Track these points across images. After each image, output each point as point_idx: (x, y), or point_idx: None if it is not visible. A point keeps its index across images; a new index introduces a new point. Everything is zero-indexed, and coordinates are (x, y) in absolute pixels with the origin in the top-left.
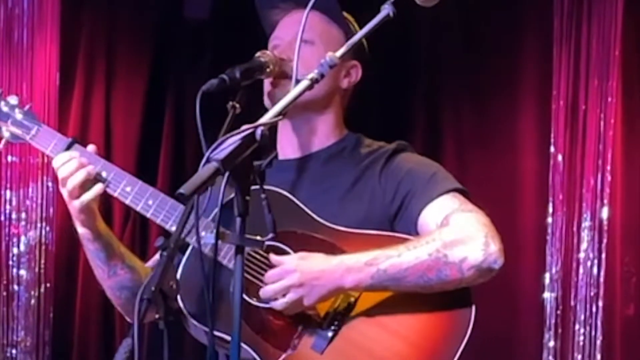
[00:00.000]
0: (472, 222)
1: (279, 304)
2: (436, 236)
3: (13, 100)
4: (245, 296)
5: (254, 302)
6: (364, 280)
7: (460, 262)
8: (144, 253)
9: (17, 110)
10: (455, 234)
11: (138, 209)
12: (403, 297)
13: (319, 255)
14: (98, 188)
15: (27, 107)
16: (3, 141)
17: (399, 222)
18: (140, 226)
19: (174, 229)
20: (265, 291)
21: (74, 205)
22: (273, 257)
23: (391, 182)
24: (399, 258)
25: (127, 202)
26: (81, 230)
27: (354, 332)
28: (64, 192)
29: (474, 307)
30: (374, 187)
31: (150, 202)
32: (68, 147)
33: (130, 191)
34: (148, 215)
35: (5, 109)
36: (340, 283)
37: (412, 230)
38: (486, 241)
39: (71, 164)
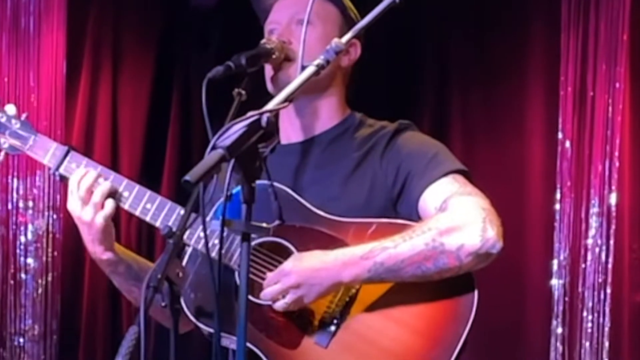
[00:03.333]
0: (470, 206)
1: (279, 305)
2: (432, 224)
3: (11, 110)
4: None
5: (255, 299)
6: (361, 274)
7: (457, 249)
8: (151, 248)
9: (13, 120)
10: (451, 220)
11: (137, 213)
12: (405, 286)
13: (315, 252)
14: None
15: (23, 116)
16: (2, 153)
17: (401, 205)
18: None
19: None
20: (265, 294)
21: (99, 222)
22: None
23: (392, 165)
24: (395, 249)
25: (126, 207)
26: (106, 256)
27: (356, 323)
28: (88, 211)
29: (476, 292)
30: (375, 171)
31: (148, 206)
32: (65, 155)
33: (128, 196)
34: (147, 219)
35: (2, 120)
36: (338, 279)
37: (414, 212)
38: (484, 226)
39: (91, 175)
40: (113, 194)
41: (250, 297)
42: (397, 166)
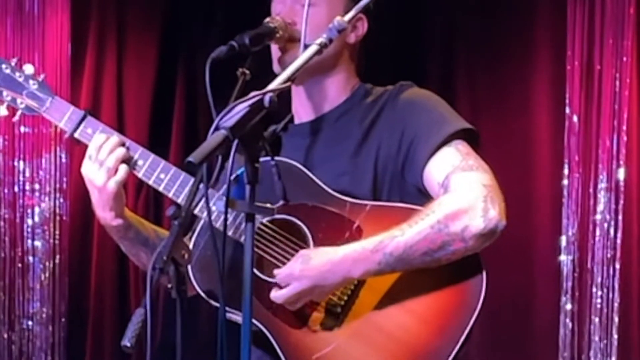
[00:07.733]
0: (472, 184)
1: (292, 307)
2: (436, 207)
3: (29, 69)
4: (256, 272)
5: (264, 277)
6: (372, 268)
7: (462, 231)
8: (158, 224)
9: (31, 81)
10: (454, 202)
11: (150, 182)
12: (412, 271)
13: (322, 251)
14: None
15: (41, 77)
16: (19, 113)
17: (407, 173)
18: (153, 197)
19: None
20: (277, 297)
21: (111, 187)
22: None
23: (396, 131)
24: (403, 237)
25: (140, 175)
26: (116, 222)
27: (363, 308)
28: (100, 175)
29: (484, 274)
30: (380, 140)
31: (162, 176)
32: (82, 119)
33: (143, 164)
34: (160, 189)
35: (20, 79)
36: (349, 275)
37: (420, 181)
38: (485, 206)
39: (111, 141)
40: (127, 160)
41: (259, 274)
42: (400, 134)
